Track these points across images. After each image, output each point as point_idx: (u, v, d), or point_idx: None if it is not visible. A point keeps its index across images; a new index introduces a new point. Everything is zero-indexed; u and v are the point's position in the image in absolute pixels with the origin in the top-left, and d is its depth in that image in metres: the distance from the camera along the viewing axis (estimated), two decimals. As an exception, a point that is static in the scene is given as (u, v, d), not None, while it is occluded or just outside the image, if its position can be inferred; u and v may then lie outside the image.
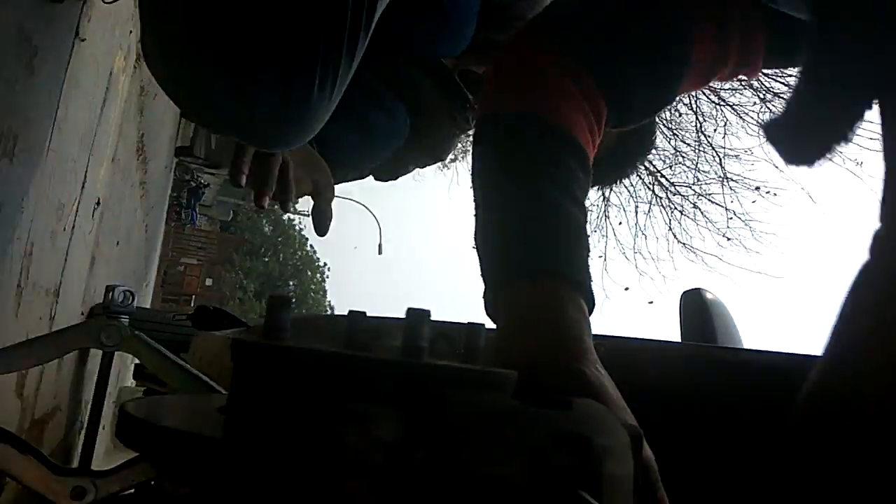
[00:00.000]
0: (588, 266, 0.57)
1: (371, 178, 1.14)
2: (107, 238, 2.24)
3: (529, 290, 0.54)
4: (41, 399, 1.44)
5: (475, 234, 0.62)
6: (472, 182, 0.65)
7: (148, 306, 6.72)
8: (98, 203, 1.83)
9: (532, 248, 0.56)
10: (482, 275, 0.60)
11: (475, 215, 0.64)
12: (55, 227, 1.29)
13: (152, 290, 7.09)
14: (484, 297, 0.59)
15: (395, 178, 1.15)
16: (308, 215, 1.05)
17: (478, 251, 0.62)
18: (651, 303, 7.98)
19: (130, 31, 1.73)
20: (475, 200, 0.65)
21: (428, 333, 0.31)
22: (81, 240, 1.66)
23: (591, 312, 0.55)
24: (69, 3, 1.05)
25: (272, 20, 0.58)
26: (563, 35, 0.66)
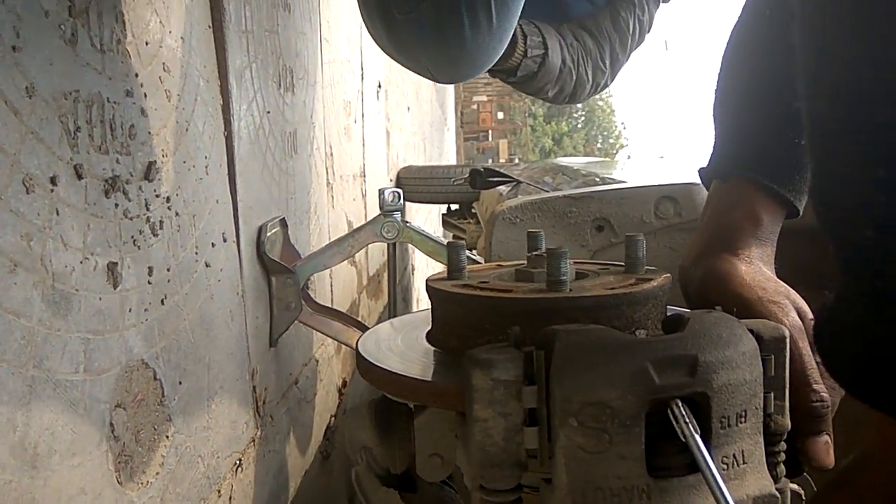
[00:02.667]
0: (793, 170, 0.55)
1: None
2: (395, 109, 2.53)
3: (722, 186, 0.55)
4: (371, 264, 1.80)
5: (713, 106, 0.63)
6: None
7: (454, 149, 7.37)
8: (379, 85, 2.07)
9: (734, 149, 0.56)
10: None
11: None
12: (346, 122, 1.53)
13: (454, 131, 7.72)
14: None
15: None
16: None
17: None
18: None
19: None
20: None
21: (566, 267, 0.37)
22: (372, 122, 1.92)
23: (792, 214, 0.54)
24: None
25: None
26: None
